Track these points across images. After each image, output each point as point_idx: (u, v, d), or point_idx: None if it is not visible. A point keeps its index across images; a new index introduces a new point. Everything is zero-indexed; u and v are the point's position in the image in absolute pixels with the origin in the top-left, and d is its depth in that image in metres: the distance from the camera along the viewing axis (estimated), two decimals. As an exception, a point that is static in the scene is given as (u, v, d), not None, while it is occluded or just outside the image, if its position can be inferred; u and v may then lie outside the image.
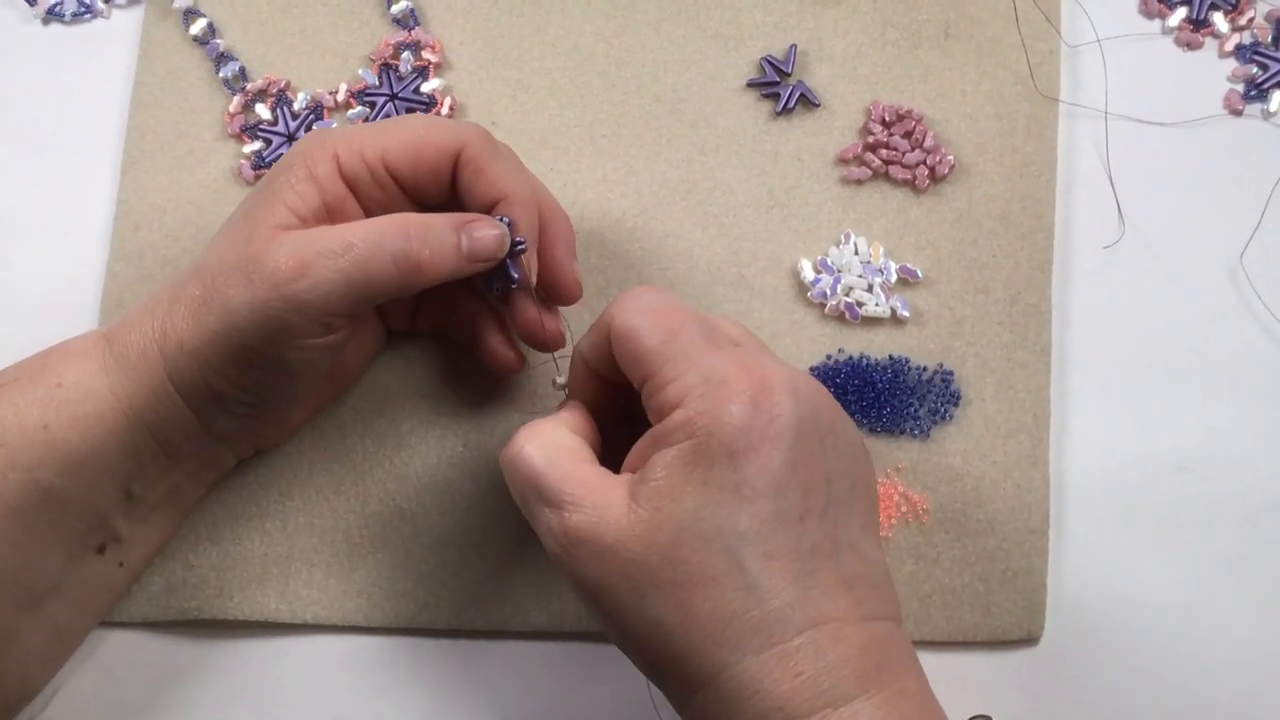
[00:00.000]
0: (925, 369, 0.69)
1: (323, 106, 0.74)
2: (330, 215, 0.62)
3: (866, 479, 0.58)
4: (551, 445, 0.58)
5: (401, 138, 0.63)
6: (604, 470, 0.57)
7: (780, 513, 0.54)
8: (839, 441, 0.56)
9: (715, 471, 0.54)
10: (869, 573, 0.56)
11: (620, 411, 0.61)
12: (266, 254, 0.59)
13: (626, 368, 0.58)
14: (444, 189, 0.64)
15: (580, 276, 0.65)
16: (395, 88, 0.74)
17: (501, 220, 0.62)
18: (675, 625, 0.53)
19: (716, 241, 0.71)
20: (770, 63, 0.74)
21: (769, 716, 0.52)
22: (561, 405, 0.62)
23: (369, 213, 0.63)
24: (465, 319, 0.67)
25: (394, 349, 0.70)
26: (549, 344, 0.65)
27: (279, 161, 0.63)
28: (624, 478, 0.56)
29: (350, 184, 0.62)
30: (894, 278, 0.70)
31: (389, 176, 0.63)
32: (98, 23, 0.77)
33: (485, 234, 0.61)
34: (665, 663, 0.54)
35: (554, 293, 0.65)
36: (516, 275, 0.63)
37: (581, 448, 0.58)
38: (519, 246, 0.62)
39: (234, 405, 0.62)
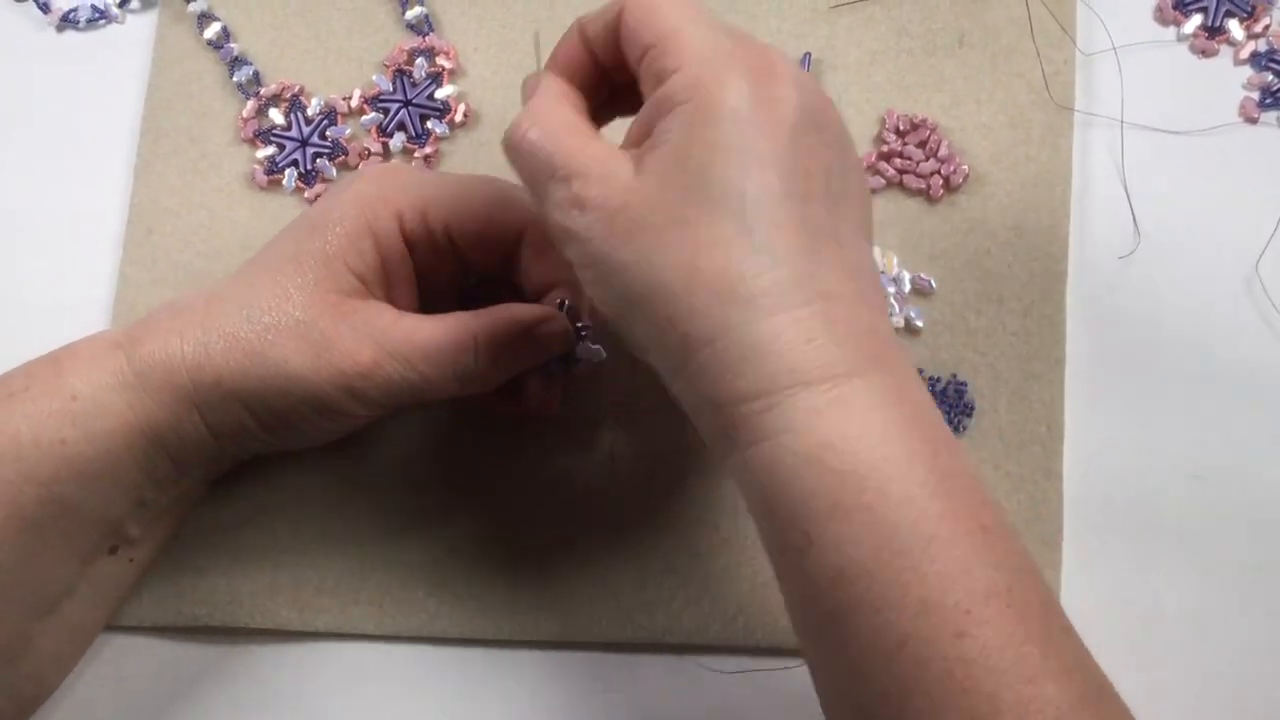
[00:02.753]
0: (939, 380, 0.69)
1: (336, 112, 0.74)
2: (385, 273, 0.62)
3: (859, 181, 0.56)
4: (555, 124, 0.55)
5: (469, 208, 0.63)
6: (610, 145, 0.55)
7: (786, 186, 0.52)
8: (836, 139, 0.55)
9: (721, 131, 0.52)
10: (867, 271, 0.54)
11: (595, 102, 0.59)
12: (334, 334, 0.59)
13: (631, 38, 0.56)
14: (500, 262, 0.64)
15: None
16: (409, 94, 0.74)
17: (563, 302, 0.63)
18: (680, 285, 0.51)
19: (730, 250, 0.71)
20: (784, 70, 0.73)
21: (778, 377, 0.50)
22: (539, 78, 0.59)
23: (418, 269, 0.64)
24: None
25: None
26: (545, 412, 0.66)
27: (334, 202, 0.63)
28: (629, 150, 0.54)
29: (408, 243, 0.63)
30: (908, 288, 0.70)
31: (448, 242, 0.63)
32: (112, 28, 0.77)
33: (552, 332, 0.62)
34: (663, 324, 0.52)
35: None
36: (583, 358, 0.64)
37: (583, 122, 0.57)
38: (583, 331, 0.63)
39: (256, 441, 0.63)
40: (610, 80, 0.59)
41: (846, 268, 0.53)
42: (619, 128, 0.58)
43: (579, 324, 0.63)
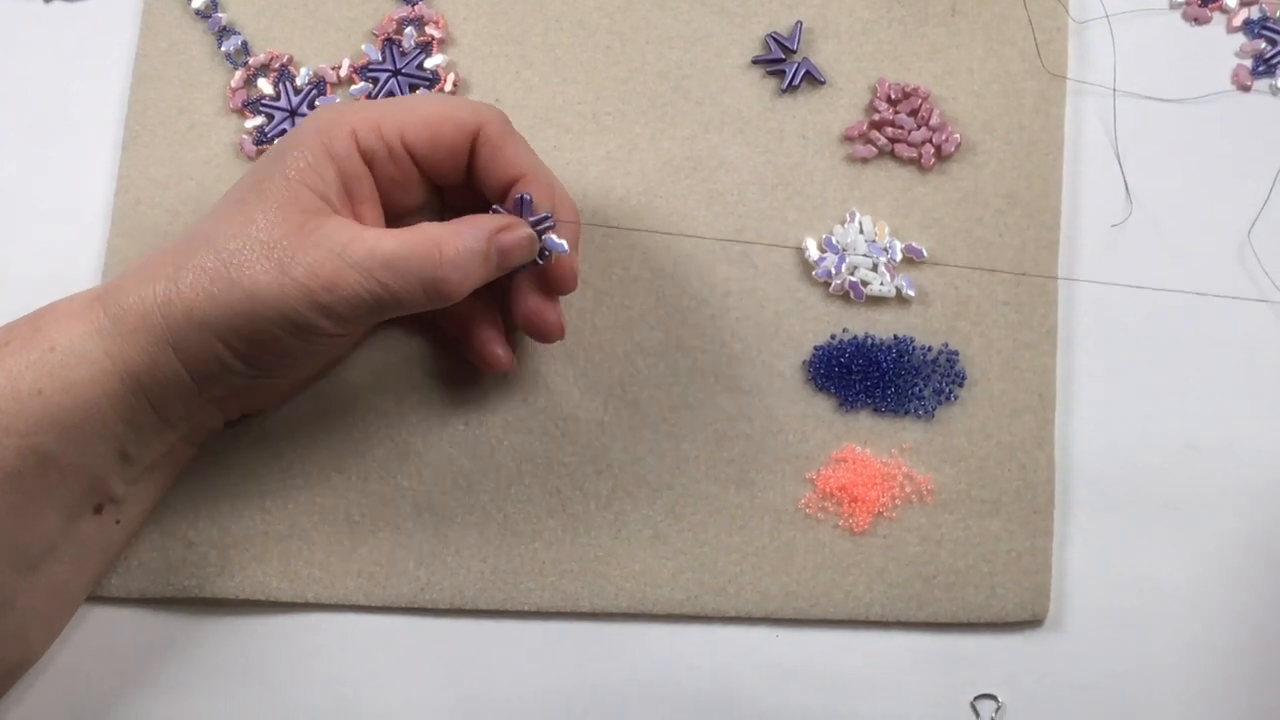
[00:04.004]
0: (930, 349, 0.69)
1: (325, 82, 0.74)
2: (347, 193, 0.62)
3: None
4: None
5: (421, 115, 0.63)
6: None
7: None
8: None
9: None
10: None
11: None
12: (298, 249, 0.59)
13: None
14: (460, 168, 0.64)
15: (579, 268, 0.65)
16: (398, 63, 0.74)
17: (521, 197, 0.63)
18: None
19: (721, 220, 0.71)
20: (775, 39, 0.73)
21: None
22: None
23: (382, 189, 0.64)
24: (459, 315, 0.68)
25: (398, 329, 0.70)
26: (550, 334, 0.65)
27: (291, 136, 0.63)
28: None
29: (366, 160, 0.63)
30: (899, 257, 0.70)
31: (406, 153, 0.63)
32: (100, -2, 0.76)
33: (516, 238, 0.62)
34: None
35: (550, 282, 0.65)
36: (551, 250, 0.63)
37: None
38: (546, 223, 0.63)
39: (234, 376, 0.62)
40: None
41: None
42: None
43: (541, 215, 0.63)
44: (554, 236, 0.63)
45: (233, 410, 0.67)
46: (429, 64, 0.74)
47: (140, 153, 0.73)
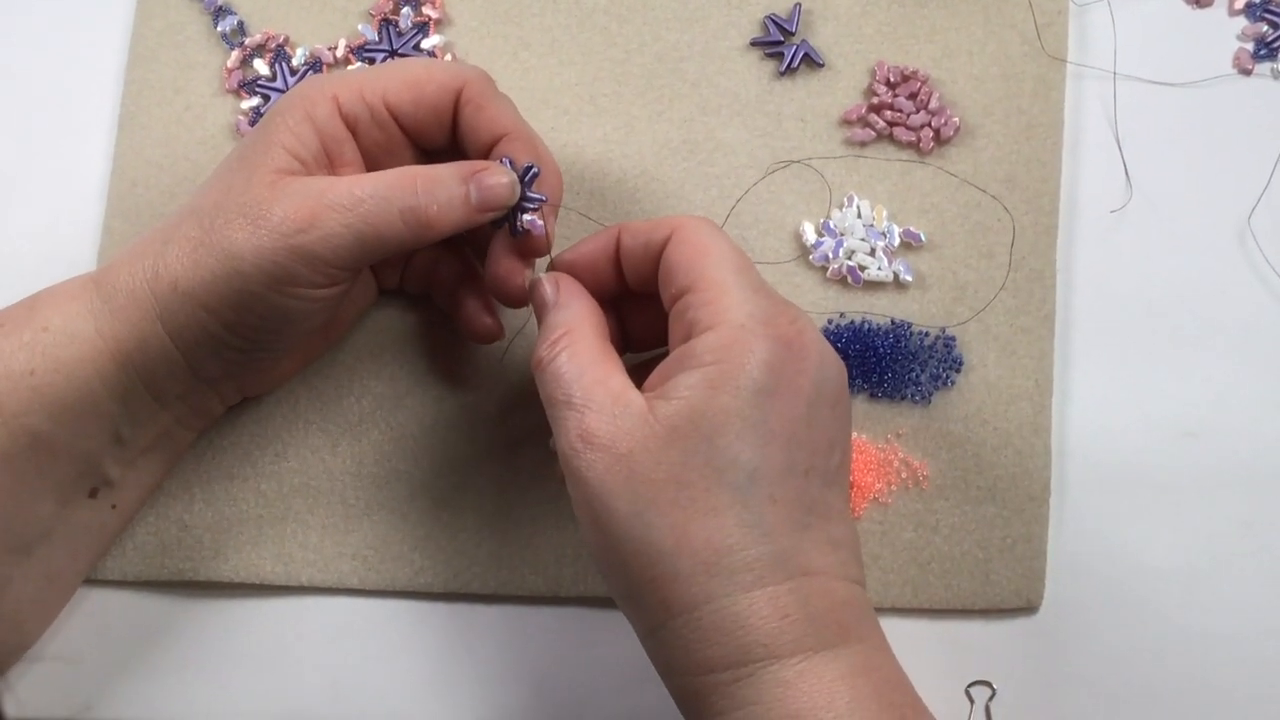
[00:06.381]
0: (927, 334, 0.69)
1: (321, 62, 0.73)
2: (329, 158, 0.62)
3: (850, 447, 0.59)
4: (584, 351, 0.58)
5: (403, 77, 0.63)
6: (630, 382, 0.57)
7: (790, 462, 0.55)
8: (844, 414, 0.58)
9: (739, 402, 0.54)
10: (850, 541, 0.57)
11: (601, 298, 0.62)
12: (273, 201, 0.59)
13: (672, 274, 0.58)
14: (445, 129, 0.64)
15: (554, 234, 0.64)
16: (395, 43, 0.73)
17: (503, 161, 0.62)
18: (668, 546, 0.54)
19: (718, 203, 0.71)
20: (774, 21, 0.73)
21: (751, 650, 0.53)
22: (563, 288, 0.61)
23: (367, 155, 0.63)
24: (448, 283, 0.68)
25: (392, 311, 0.70)
26: (513, 298, 0.64)
27: (274, 106, 0.63)
28: (647, 394, 0.56)
29: (350, 125, 0.62)
30: (897, 241, 0.69)
31: (390, 116, 0.63)
32: (96, -24, 0.76)
33: (495, 181, 0.61)
34: (646, 583, 0.54)
35: (523, 245, 0.64)
36: (527, 227, 0.62)
37: (611, 354, 0.59)
38: (532, 171, 0.62)
39: (224, 349, 0.62)
40: (622, 280, 0.62)
41: (831, 540, 0.56)
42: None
43: (528, 166, 0.62)
44: (536, 219, 0.62)
45: (230, 394, 0.67)
46: (425, 44, 0.73)
47: (136, 134, 0.73)
